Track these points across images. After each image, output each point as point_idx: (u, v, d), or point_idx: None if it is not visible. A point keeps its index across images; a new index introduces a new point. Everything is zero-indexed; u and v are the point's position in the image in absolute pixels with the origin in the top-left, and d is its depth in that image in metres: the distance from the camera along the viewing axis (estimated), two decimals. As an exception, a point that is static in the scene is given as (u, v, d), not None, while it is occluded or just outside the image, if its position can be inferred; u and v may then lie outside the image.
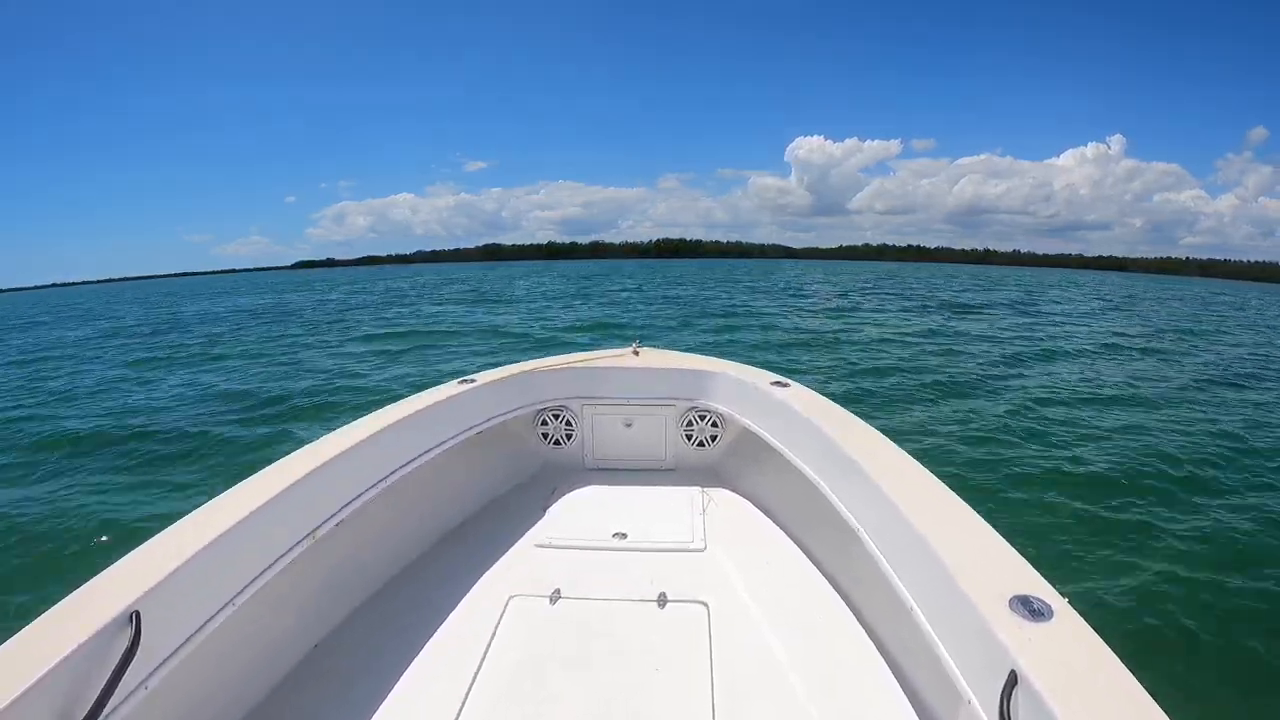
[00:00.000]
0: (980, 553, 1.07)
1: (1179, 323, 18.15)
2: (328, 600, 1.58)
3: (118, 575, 1.03)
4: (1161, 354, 11.20)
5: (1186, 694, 2.32)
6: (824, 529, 1.73)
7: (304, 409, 6.78)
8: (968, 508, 1.23)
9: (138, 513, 4.02)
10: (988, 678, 0.88)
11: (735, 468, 2.38)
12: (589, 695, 1.29)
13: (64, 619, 0.92)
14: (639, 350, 2.58)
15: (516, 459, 2.45)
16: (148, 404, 7.34)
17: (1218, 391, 7.92)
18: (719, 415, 2.37)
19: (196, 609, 1.10)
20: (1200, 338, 14.47)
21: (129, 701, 0.94)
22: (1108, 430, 5.75)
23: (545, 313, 18.15)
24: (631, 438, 2.46)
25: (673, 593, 1.62)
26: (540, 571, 1.74)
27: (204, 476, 4.67)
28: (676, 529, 1.95)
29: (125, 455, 5.29)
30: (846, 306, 20.08)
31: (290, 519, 1.37)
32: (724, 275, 49.76)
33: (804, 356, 10.12)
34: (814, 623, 1.52)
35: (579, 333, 13.48)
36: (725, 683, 1.32)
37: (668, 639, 1.46)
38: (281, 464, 1.47)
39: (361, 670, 1.41)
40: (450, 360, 9.93)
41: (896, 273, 65.72)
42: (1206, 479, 4.59)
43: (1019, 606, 0.91)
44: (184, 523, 1.20)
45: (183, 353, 11.88)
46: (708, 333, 13.34)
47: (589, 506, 2.16)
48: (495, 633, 1.48)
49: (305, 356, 10.65)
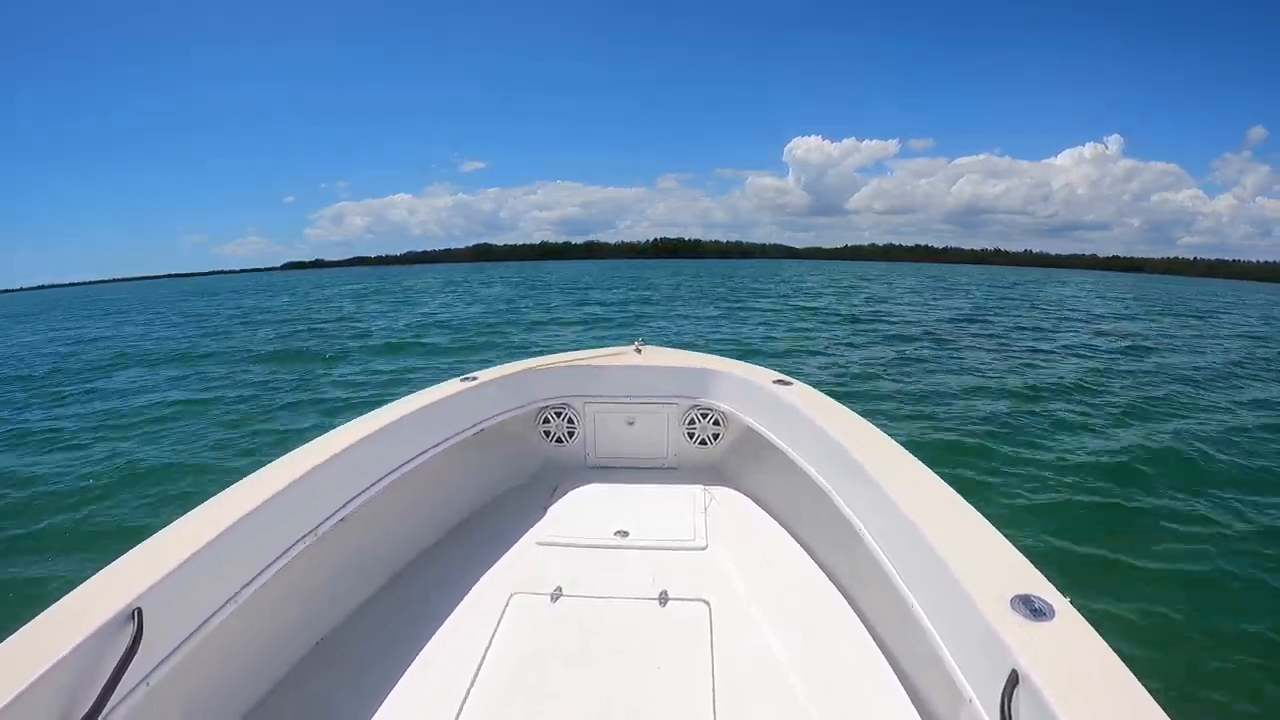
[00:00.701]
0: (982, 552, 1.07)
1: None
2: (329, 597, 1.59)
3: (119, 572, 1.03)
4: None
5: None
6: (826, 528, 1.72)
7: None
8: (969, 507, 1.23)
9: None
10: (989, 677, 0.88)
11: (737, 466, 2.37)
12: (590, 693, 1.29)
13: (65, 616, 0.92)
14: (641, 348, 2.57)
15: (518, 457, 2.45)
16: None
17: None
18: (721, 413, 2.36)
19: (198, 606, 1.11)
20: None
21: (130, 698, 0.94)
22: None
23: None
24: (633, 436, 2.46)
25: (674, 591, 1.62)
26: (542, 569, 1.74)
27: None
28: (678, 527, 1.95)
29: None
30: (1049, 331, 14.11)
31: (292, 516, 1.37)
32: (724, 276, 44.35)
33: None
34: (815, 621, 1.52)
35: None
36: (726, 681, 1.32)
37: (669, 637, 1.46)
38: (283, 461, 1.48)
39: (363, 667, 1.41)
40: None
41: (945, 275, 59.13)
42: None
43: (1020, 606, 0.91)
44: (185, 520, 1.20)
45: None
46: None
47: (590, 504, 2.16)
48: (496, 630, 1.48)
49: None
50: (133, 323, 20.79)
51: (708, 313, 17.93)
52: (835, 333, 13.12)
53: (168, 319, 21.47)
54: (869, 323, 15.00)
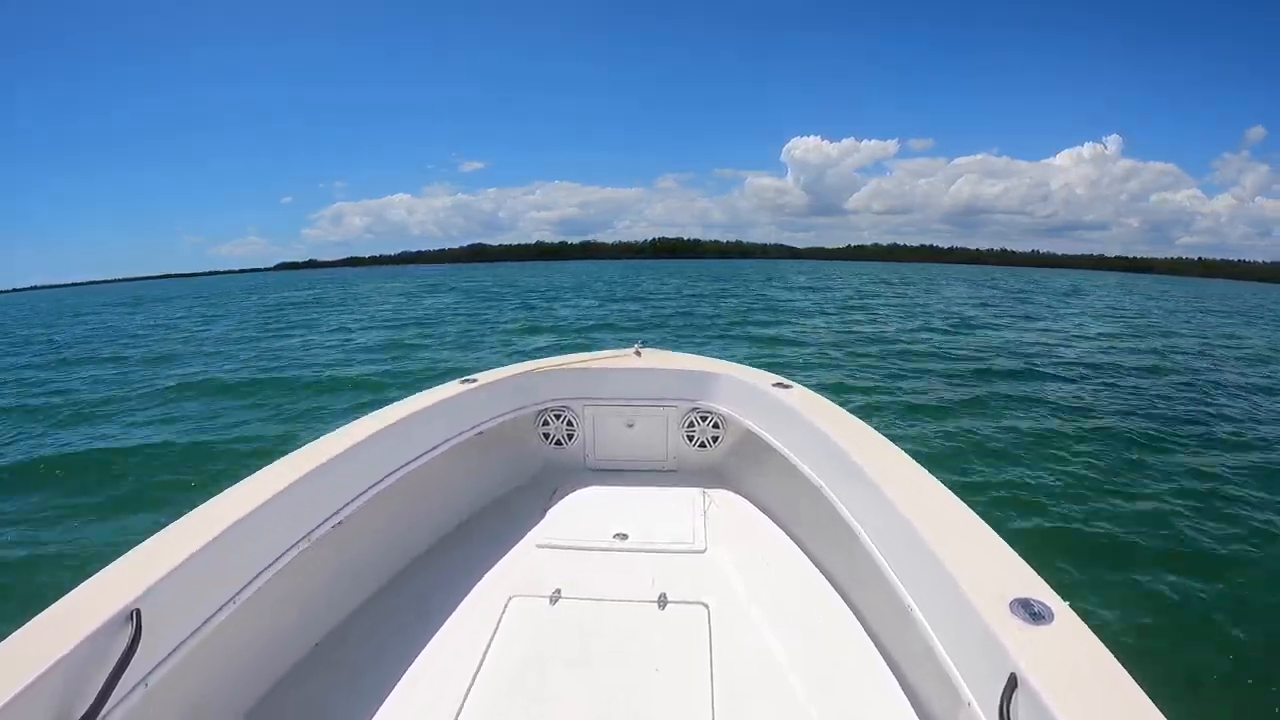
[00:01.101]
0: (981, 555, 1.07)
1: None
2: (328, 599, 1.59)
3: (118, 573, 1.03)
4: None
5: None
6: (825, 530, 1.72)
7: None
8: (968, 510, 1.23)
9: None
10: (988, 680, 0.88)
11: (736, 469, 2.37)
12: (589, 696, 1.29)
13: (64, 616, 0.92)
14: (641, 351, 2.58)
15: (518, 459, 2.45)
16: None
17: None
18: (720, 416, 2.36)
19: (197, 607, 1.11)
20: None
21: (129, 699, 0.94)
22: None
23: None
24: (633, 438, 2.46)
25: (673, 593, 1.61)
26: (541, 572, 1.74)
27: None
28: (677, 530, 1.94)
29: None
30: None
31: (291, 518, 1.37)
32: (733, 280, 39.25)
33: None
34: (814, 624, 1.52)
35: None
36: (725, 684, 1.32)
37: (668, 640, 1.46)
38: (283, 462, 1.48)
39: (362, 669, 1.41)
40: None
41: (997, 279, 51.95)
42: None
43: (1019, 609, 0.91)
44: (184, 521, 1.20)
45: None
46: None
47: (590, 507, 2.16)
48: (495, 633, 1.48)
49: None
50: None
51: (723, 343, 12.10)
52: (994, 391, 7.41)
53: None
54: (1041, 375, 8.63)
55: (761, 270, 66.65)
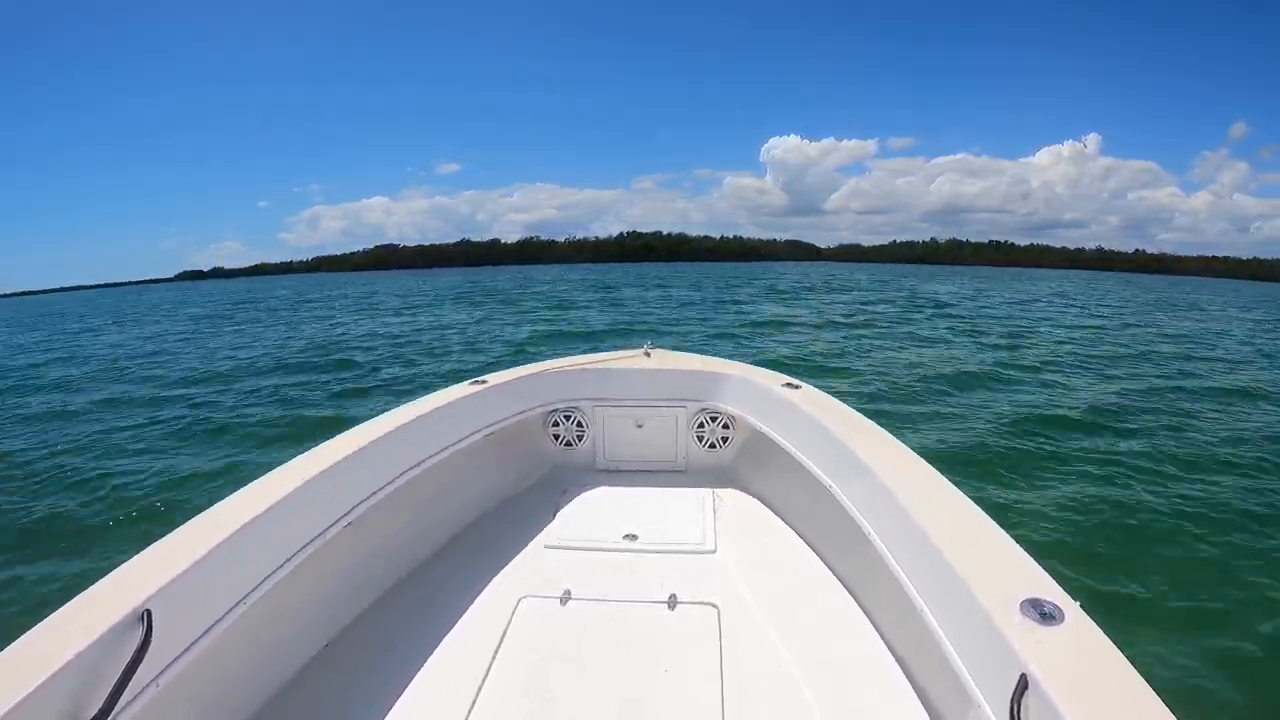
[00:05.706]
0: (991, 555, 1.06)
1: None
2: (339, 599, 1.60)
3: (129, 574, 1.05)
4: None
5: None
6: (835, 531, 1.71)
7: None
8: (979, 510, 1.21)
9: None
10: (998, 681, 0.87)
11: (746, 469, 2.36)
12: (599, 696, 1.29)
13: (75, 617, 0.94)
14: (650, 351, 2.58)
15: (527, 460, 2.46)
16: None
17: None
18: (730, 417, 2.35)
19: (208, 608, 1.12)
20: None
21: (140, 699, 0.96)
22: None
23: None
24: (642, 439, 2.46)
25: (683, 594, 1.61)
26: (551, 572, 1.74)
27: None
28: (687, 530, 1.94)
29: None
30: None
31: (303, 518, 1.38)
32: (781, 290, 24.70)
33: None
34: (824, 625, 1.51)
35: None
36: (735, 684, 1.31)
37: (678, 640, 1.46)
38: (293, 464, 1.49)
39: (372, 670, 1.42)
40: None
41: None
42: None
43: (1030, 610, 0.89)
44: (195, 522, 1.22)
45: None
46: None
47: (600, 508, 2.16)
48: (505, 633, 1.48)
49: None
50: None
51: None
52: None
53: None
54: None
55: (815, 272, 50.20)
